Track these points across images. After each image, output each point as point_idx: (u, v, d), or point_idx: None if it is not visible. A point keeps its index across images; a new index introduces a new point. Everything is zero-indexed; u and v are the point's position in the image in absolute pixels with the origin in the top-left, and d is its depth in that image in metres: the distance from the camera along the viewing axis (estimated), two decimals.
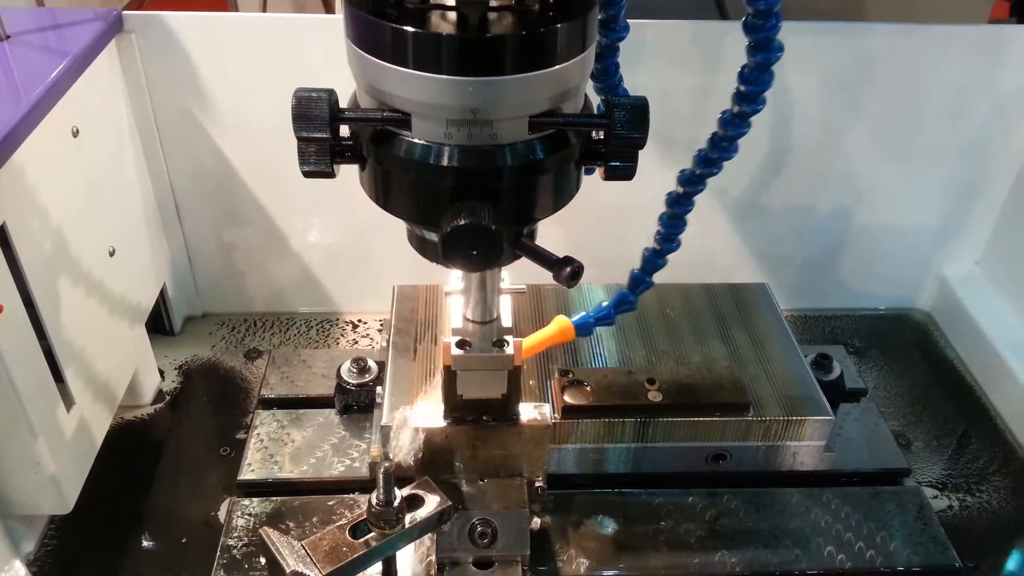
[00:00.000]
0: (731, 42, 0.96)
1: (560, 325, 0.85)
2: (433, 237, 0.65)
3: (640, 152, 0.63)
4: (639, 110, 0.61)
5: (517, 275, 0.77)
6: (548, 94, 0.59)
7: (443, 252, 0.60)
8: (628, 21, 0.70)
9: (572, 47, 0.58)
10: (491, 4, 0.56)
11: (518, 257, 0.67)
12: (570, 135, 0.62)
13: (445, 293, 0.79)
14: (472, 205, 0.59)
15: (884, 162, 1.14)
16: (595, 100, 0.69)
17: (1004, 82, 1.08)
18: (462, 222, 0.58)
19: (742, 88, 0.66)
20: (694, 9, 1.16)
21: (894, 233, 1.21)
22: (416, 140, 0.60)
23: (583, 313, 0.85)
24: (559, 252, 0.66)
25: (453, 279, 0.79)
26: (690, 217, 0.77)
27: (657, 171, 0.77)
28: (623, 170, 0.63)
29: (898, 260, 1.24)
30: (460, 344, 0.75)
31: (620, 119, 0.61)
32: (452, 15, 0.56)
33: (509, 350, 0.75)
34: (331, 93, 0.60)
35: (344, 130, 0.62)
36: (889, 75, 1.07)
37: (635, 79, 0.76)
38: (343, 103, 0.63)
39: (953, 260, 1.25)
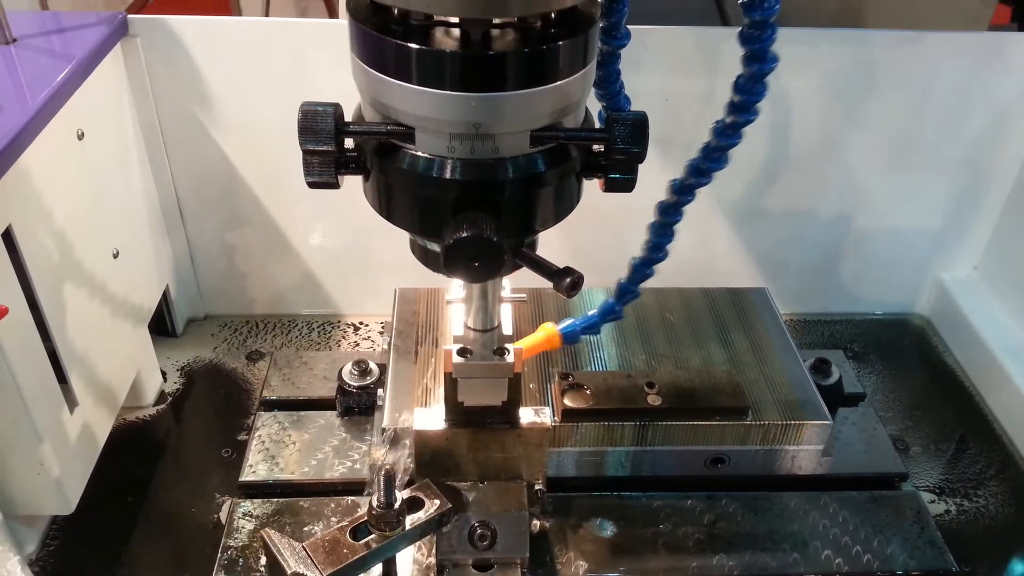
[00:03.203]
0: (732, 48, 0.96)
1: (547, 333, 0.85)
2: (435, 248, 0.66)
3: None
4: (639, 125, 0.62)
5: (518, 280, 0.77)
6: (549, 109, 0.59)
7: (445, 263, 0.61)
8: (629, 28, 0.71)
9: (573, 63, 0.59)
10: (494, 21, 0.56)
11: (519, 267, 0.68)
12: (571, 148, 0.63)
13: (447, 301, 0.80)
14: (474, 217, 0.60)
15: (883, 167, 1.15)
16: (595, 106, 0.70)
17: (1003, 88, 1.09)
18: (464, 234, 0.59)
19: (736, 98, 0.66)
20: (696, 15, 1.16)
21: (893, 238, 1.22)
22: (419, 153, 0.60)
23: (570, 321, 0.85)
24: (559, 257, 0.66)
25: (454, 287, 0.80)
26: (690, 222, 0.77)
27: (658, 176, 0.77)
28: (623, 182, 0.64)
29: (897, 265, 1.25)
30: (461, 352, 0.76)
31: (620, 134, 0.62)
32: (456, 31, 0.57)
33: (510, 358, 0.75)
34: (336, 107, 0.61)
35: (348, 141, 0.63)
36: (889, 82, 1.07)
37: (636, 84, 0.76)
38: (347, 113, 0.63)
39: (952, 265, 1.26)
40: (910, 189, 1.17)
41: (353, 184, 0.68)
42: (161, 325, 1.17)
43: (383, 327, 1.21)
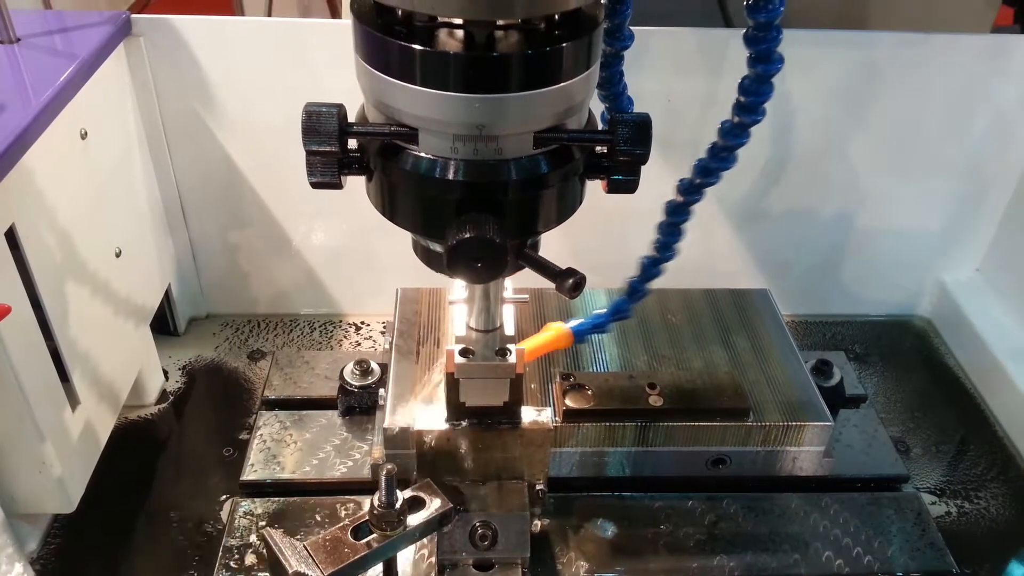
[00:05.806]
0: (735, 49, 0.97)
1: (556, 332, 0.85)
2: (438, 248, 0.66)
3: None
4: (642, 126, 0.62)
5: (520, 280, 0.77)
6: (552, 110, 0.59)
7: (448, 264, 0.61)
8: (632, 29, 0.71)
9: (577, 65, 0.59)
10: (498, 23, 0.56)
11: (521, 268, 0.68)
12: (574, 150, 0.63)
13: (449, 302, 0.80)
14: (477, 218, 0.60)
15: (886, 169, 1.15)
16: (598, 107, 0.70)
17: (1006, 90, 1.09)
18: (467, 235, 0.59)
19: (742, 99, 0.66)
20: (699, 16, 1.16)
21: (895, 239, 1.22)
22: (423, 154, 0.61)
23: (579, 320, 0.86)
24: (560, 257, 0.66)
25: (456, 288, 0.80)
26: (692, 222, 0.78)
27: (660, 177, 0.78)
28: (626, 184, 0.64)
29: (899, 266, 1.25)
30: (463, 352, 0.76)
31: (623, 135, 0.62)
32: (459, 33, 0.57)
33: (512, 359, 0.75)
34: (340, 108, 0.61)
35: (352, 142, 0.63)
36: (892, 83, 1.07)
37: (639, 85, 0.77)
38: (351, 113, 0.63)
39: (953, 267, 1.26)
40: (912, 191, 1.17)
41: (355, 184, 0.68)
42: (163, 324, 1.17)
43: (385, 327, 1.22)
